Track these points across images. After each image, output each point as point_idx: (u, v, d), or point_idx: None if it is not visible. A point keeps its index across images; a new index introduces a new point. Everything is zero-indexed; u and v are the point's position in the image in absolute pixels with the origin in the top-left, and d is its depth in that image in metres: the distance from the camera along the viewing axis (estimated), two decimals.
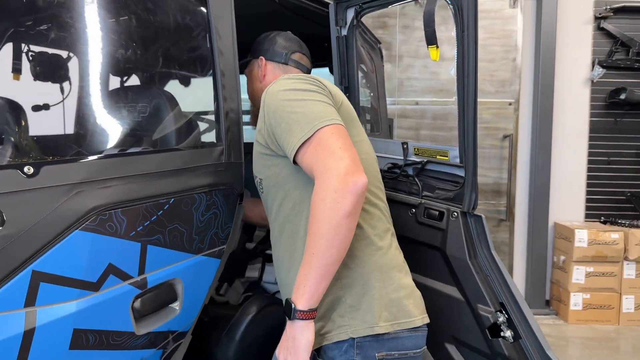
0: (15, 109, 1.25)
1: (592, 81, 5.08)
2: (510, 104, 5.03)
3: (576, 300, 4.83)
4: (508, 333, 1.54)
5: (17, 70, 1.45)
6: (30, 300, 0.98)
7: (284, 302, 1.18)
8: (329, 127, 1.15)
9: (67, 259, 1.04)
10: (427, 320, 1.32)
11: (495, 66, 5.00)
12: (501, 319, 1.54)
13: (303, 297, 1.11)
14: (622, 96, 4.92)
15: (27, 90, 1.47)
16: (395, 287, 1.27)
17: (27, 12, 1.36)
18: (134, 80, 1.67)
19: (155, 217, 1.21)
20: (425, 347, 1.32)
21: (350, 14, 1.80)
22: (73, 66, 1.51)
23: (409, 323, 1.26)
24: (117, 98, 1.42)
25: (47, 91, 1.28)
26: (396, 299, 1.26)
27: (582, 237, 4.75)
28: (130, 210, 1.15)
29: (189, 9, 1.43)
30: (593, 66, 5.06)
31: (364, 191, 1.09)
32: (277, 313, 1.89)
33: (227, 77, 1.43)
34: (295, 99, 1.21)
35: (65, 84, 1.39)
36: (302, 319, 1.12)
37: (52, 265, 1.01)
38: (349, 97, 1.89)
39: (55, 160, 1.06)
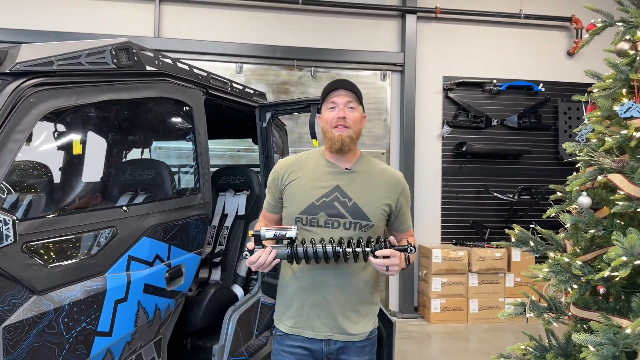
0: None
1: (443, 137, 6.82)
2: (383, 153, 6.63)
3: (435, 305, 6.39)
4: None
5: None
6: (127, 268, 2.17)
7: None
8: None
9: (141, 250, 2.23)
10: None
11: (371, 125, 6.59)
12: None
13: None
14: (464, 148, 6.70)
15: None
16: None
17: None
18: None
19: (174, 231, 2.43)
20: None
21: (269, 114, 3.14)
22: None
23: None
24: (155, 170, 2.64)
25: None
26: None
27: (437, 255, 6.35)
28: (164, 227, 2.37)
29: (183, 123, 2.69)
30: (443, 125, 6.80)
31: None
32: (224, 294, 3.11)
33: (203, 155, 2.70)
34: None
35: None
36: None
37: (135, 252, 2.20)
38: (267, 163, 3.19)
39: (134, 204, 2.27)
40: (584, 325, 2.05)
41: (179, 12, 6.31)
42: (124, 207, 2.20)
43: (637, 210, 1.87)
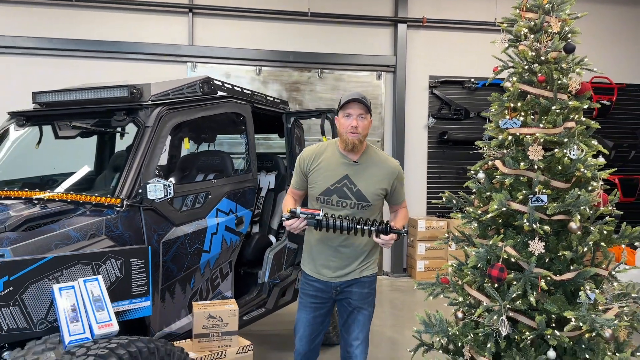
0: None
1: (428, 127, 8.45)
2: (378, 141, 8.27)
3: (420, 265, 8.09)
4: None
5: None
6: (216, 215, 3.87)
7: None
8: None
9: (223, 205, 3.93)
10: None
11: None
12: None
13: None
14: (446, 137, 8.33)
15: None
16: None
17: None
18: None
19: (238, 195, 4.12)
20: None
21: (292, 119, 4.80)
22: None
23: None
24: (223, 159, 4.32)
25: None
26: None
27: (422, 224, 8.04)
28: (234, 193, 4.06)
29: (242, 126, 4.36)
30: (428, 117, 8.43)
31: None
32: (264, 239, 4.81)
33: (251, 148, 4.37)
34: None
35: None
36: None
37: (220, 206, 3.91)
38: (291, 152, 4.84)
39: (218, 180, 3.97)
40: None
41: (208, 23, 7.94)
42: (213, 180, 3.89)
43: (505, 180, 3.53)
